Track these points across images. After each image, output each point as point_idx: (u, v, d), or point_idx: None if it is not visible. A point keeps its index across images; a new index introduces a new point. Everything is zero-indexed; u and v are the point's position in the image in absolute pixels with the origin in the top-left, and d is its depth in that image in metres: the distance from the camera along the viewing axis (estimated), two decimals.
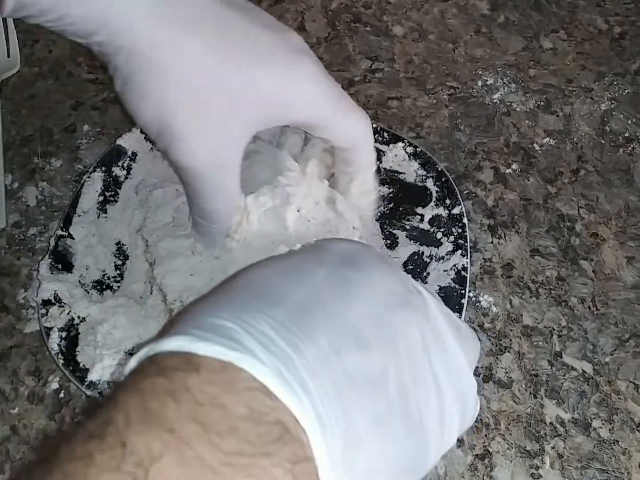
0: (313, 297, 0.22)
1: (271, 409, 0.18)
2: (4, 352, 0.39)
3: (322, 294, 0.22)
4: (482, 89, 0.50)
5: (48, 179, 0.47)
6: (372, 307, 0.23)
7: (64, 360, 0.36)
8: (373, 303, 0.23)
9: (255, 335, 0.20)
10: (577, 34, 0.52)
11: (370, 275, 0.24)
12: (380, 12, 0.55)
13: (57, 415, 0.37)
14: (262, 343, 0.19)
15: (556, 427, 0.35)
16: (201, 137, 0.30)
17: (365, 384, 0.21)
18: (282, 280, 0.23)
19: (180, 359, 0.19)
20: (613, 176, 0.44)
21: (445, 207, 0.41)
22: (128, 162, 0.44)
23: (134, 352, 0.21)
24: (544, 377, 0.37)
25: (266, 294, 0.22)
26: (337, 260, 0.24)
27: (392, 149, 0.43)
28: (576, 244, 0.42)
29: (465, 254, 0.38)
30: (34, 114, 0.50)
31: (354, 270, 0.24)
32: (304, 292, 0.22)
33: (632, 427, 0.35)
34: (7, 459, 0.35)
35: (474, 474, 0.34)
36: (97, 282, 0.40)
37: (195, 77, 0.29)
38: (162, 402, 0.17)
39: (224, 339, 0.19)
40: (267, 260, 0.26)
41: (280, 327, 0.20)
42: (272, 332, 0.20)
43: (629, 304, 0.39)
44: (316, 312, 0.22)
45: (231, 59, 0.29)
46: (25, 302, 0.41)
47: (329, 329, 0.21)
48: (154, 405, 0.17)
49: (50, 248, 0.40)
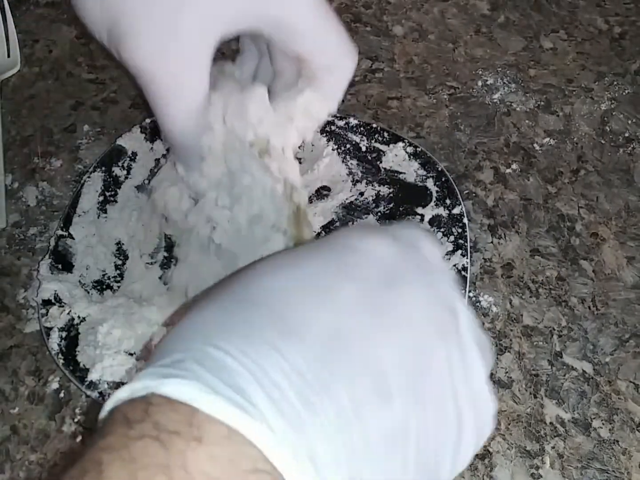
0: (338, 330, 0.19)
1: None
2: (4, 352, 0.39)
3: (349, 325, 0.20)
4: (482, 89, 0.50)
5: (48, 179, 0.47)
6: (404, 346, 0.20)
7: (64, 360, 0.36)
8: (407, 339, 0.20)
9: (266, 387, 0.17)
10: (577, 34, 0.52)
11: (408, 300, 0.21)
12: (380, 12, 0.55)
13: (57, 415, 0.37)
14: (274, 401, 0.17)
15: (556, 427, 0.35)
16: (152, 32, 0.26)
17: (384, 443, 0.19)
18: (302, 300, 0.20)
19: (179, 414, 0.16)
20: (613, 176, 0.44)
21: (445, 207, 0.41)
22: (128, 162, 0.44)
23: (138, 357, 0.19)
24: (544, 377, 0.37)
25: (282, 319, 0.19)
26: (371, 274, 0.21)
27: (392, 149, 0.43)
28: (576, 244, 0.42)
29: (466, 254, 0.38)
30: (34, 114, 0.50)
31: (391, 289, 0.21)
32: (328, 321, 0.19)
33: (632, 427, 0.35)
34: (7, 459, 0.35)
35: (474, 474, 0.34)
36: (97, 282, 0.40)
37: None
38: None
39: (232, 392, 0.17)
40: (284, 261, 0.22)
41: (296, 376, 0.18)
42: (286, 384, 0.17)
43: (629, 304, 0.39)
44: (339, 352, 0.19)
45: None
46: (25, 302, 0.41)
47: (352, 378, 0.19)
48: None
49: (50, 248, 0.40)
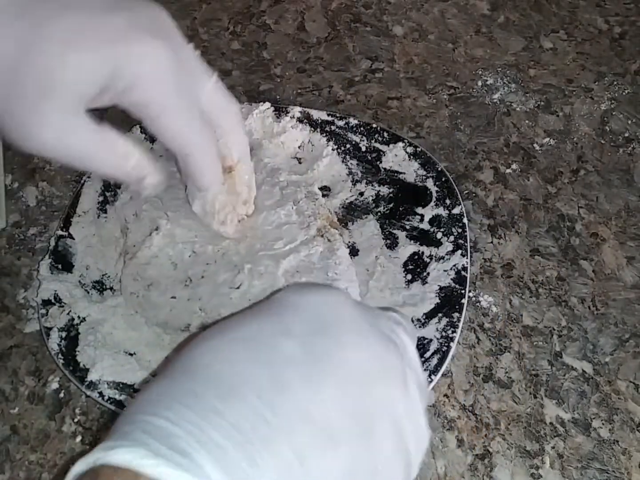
0: (276, 382, 0.20)
1: None
2: (4, 352, 0.39)
3: (288, 376, 0.20)
4: (482, 89, 0.50)
5: (48, 179, 0.47)
6: (346, 391, 0.21)
7: (64, 360, 0.36)
8: (348, 384, 0.21)
9: (210, 448, 0.18)
10: (577, 34, 0.52)
11: (344, 345, 0.22)
12: (380, 12, 0.55)
13: (57, 415, 0.37)
14: (218, 460, 0.18)
15: (556, 427, 0.35)
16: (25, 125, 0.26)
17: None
18: (241, 359, 0.21)
19: (129, 478, 0.18)
20: (613, 176, 0.44)
21: (445, 207, 0.41)
22: None
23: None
24: (544, 377, 0.37)
25: (222, 381, 0.20)
26: (307, 328, 0.22)
27: (392, 149, 0.43)
28: (576, 244, 0.42)
29: (465, 254, 0.38)
30: None
31: (326, 338, 0.22)
32: (266, 376, 0.20)
33: (632, 427, 0.35)
34: (7, 459, 0.35)
35: (474, 474, 0.34)
36: (97, 282, 0.40)
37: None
38: None
39: (177, 455, 0.18)
40: (226, 326, 0.23)
41: (237, 434, 0.19)
42: (229, 443, 0.18)
43: (629, 304, 0.39)
44: (280, 405, 0.20)
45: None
46: (25, 302, 0.41)
47: (293, 429, 0.19)
48: None
49: (50, 248, 0.40)
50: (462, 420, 0.35)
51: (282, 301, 0.25)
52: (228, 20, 0.56)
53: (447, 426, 0.35)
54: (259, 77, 0.52)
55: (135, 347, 0.36)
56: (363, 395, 0.21)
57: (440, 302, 0.37)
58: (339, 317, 0.23)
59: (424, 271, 0.39)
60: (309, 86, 0.51)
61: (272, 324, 0.23)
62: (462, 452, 0.34)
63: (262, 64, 0.53)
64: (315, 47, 0.53)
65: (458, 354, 0.37)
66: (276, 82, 0.51)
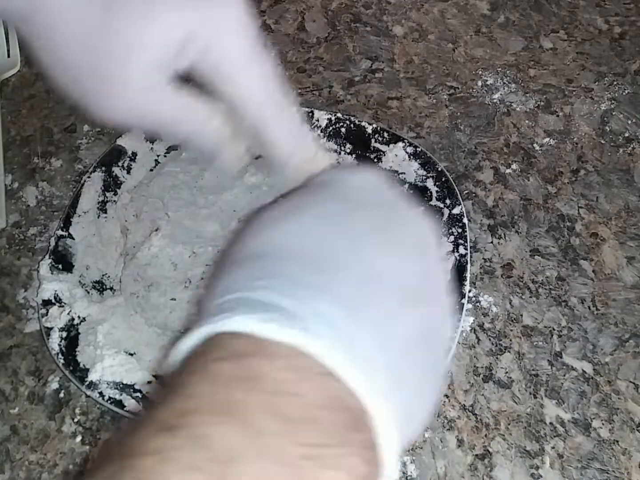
0: (361, 254, 0.21)
1: (343, 395, 0.18)
2: (4, 352, 0.39)
3: (368, 247, 0.22)
4: (482, 89, 0.50)
5: (48, 179, 0.47)
6: (414, 260, 0.23)
7: (64, 360, 0.36)
8: (417, 252, 0.23)
9: (316, 314, 0.19)
10: (577, 34, 0.52)
11: (406, 219, 0.24)
12: (380, 12, 0.55)
13: (57, 415, 0.37)
14: (326, 323, 0.18)
15: (556, 427, 0.35)
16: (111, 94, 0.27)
17: (413, 342, 0.21)
18: (325, 234, 0.22)
19: (248, 342, 0.18)
20: (613, 176, 0.44)
21: (445, 207, 0.41)
22: (128, 162, 0.44)
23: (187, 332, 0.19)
24: (544, 377, 0.37)
25: (312, 256, 0.21)
26: (373, 206, 0.24)
27: (392, 149, 0.43)
28: (576, 244, 0.42)
29: (465, 254, 0.38)
30: (34, 114, 0.50)
31: (392, 212, 0.24)
32: (349, 247, 0.21)
33: (632, 427, 0.35)
34: (7, 459, 0.35)
35: (474, 474, 0.34)
36: (97, 282, 0.40)
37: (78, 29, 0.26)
38: (238, 392, 0.17)
39: (288, 320, 0.18)
40: (296, 205, 0.24)
41: (337, 304, 0.19)
42: (331, 309, 0.19)
43: (629, 304, 0.39)
44: (368, 275, 0.21)
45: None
46: (25, 302, 0.41)
47: (382, 293, 0.21)
48: (229, 395, 0.17)
49: (50, 248, 0.40)
50: (462, 420, 0.35)
51: (335, 181, 0.26)
52: None
53: (447, 426, 0.35)
54: None
55: (135, 347, 0.36)
56: (425, 266, 0.23)
57: None
58: (390, 196, 0.25)
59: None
60: (309, 86, 0.51)
61: (340, 199, 0.24)
62: (462, 452, 0.34)
63: None
64: (315, 47, 0.53)
65: (458, 354, 0.37)
66: None
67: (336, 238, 0.22)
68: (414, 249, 0.23)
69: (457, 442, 0.35)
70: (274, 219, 0.24)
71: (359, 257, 0.21)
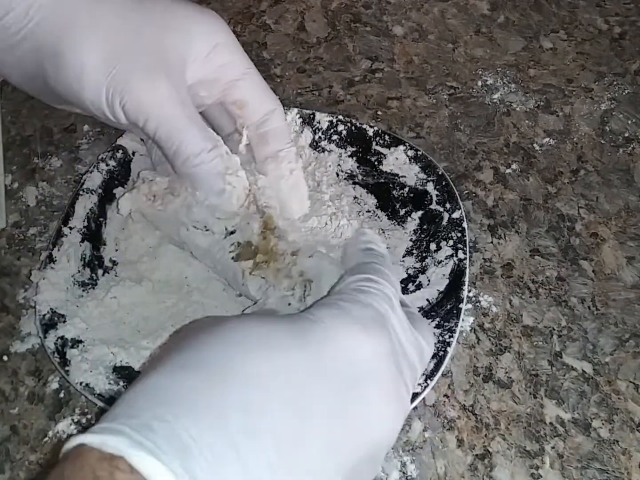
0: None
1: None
2: (3, 352, 0.39)
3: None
4: (482, 89, 0.50)
5: (48, 179, 0.47)
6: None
7: (60, 359, 0.36)
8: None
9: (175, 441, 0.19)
10: (577, 34, 0.52)
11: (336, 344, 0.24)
12: (380, 12, 0.55)
13: (57, 415, 0.37)
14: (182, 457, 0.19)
15: (556, 427, 0.35)
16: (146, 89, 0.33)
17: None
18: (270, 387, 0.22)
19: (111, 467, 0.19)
20: (613, 176, 0.44)
21: (445, 211, 0.41)
22: (128, 162, 0.44)
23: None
24: (544, 377, 0.37)
25: (251, 414, 0.21)
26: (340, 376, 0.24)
27: (393, 152, 0.43)
28: (576, 244, 0.42)
29: (465, 258, 0.38)
30: (34, 114, 0.50)
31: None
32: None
33: (632, 427, 0.35)
34: (7, 459, 0.35)
35: (474, 474, 0.34)
36: (96, 281, 0.40)
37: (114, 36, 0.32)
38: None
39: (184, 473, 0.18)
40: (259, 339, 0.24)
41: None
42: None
43: (629, 304, 0.39)
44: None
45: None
46: (25, 302, 0.41)
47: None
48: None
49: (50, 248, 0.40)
50: (462, 420, 0.35)
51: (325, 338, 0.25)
52: (228, 20, 0.56)
53: (447, 426, 0.35)
54: None
55: (132, 346, 0.36)
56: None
57: (437, 307, 0.37)
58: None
59: (423, 273, 0.39)
60: (309, 86, 0.51)
61: (310, 365, 0.23)
62: (462, 452, 0.34)
63: (262, 64, 0.53)
64: (315, 47, 0.53)
65: (458, 354, 0.37)
66: (276, 82, 0.51)
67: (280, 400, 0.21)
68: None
69: (457, 442, 0.35)
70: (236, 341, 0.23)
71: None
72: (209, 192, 0.35)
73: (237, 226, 0.35)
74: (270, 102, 0.38)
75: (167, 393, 0.21)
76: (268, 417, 0.20)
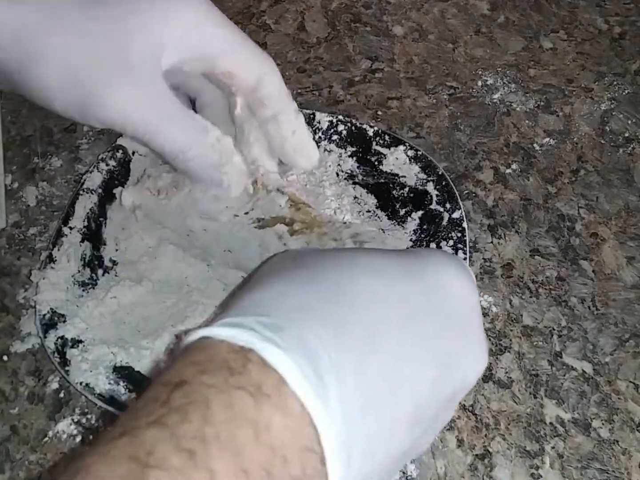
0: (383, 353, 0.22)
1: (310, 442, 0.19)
2: (3, 352, 0.39)
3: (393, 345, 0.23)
4: (482, 89, 0.50)
5: (48, 179, 0.47)
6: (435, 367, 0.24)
7: (60, 359, 0.36)
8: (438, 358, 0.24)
9: (343, 392, 0.20)
10: (577, 34, 0.52)
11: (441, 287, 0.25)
12: (380, 12, 0.55)
13: (57, 415, 0.37)
14: (343, 403, 0.19)
15: (556, 427, 0.35)
16: (121, 93, 0.31)
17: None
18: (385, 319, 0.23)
19: (273, 381, 0.19)
20: (613, 176, 0.44)
21: (445, 211, 0.41)
22: (128, 162, 0.44)
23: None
24: (544, 377, 0.37)
25: (372, 336, 0.22)
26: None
27: (393, 152, 0.43)
28: (576, 244, 0.42)
29: (465, 258, 0.38)
30: (34, 114, 0.50)
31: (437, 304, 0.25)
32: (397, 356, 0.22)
33: (632, 427, 0.35)
34: (7, 459, 0.35)
35: (474, 474, 0.34)
36: (96, 281, 0.40)
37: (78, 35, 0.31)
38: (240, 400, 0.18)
39: (316, 380, 0.19)
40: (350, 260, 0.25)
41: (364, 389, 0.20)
42: (358, 396, 0.20)
43: (629, 304, 0.39)
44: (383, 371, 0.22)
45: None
46: (25, 302, 0.41)
47: (393, 400, 0.22)
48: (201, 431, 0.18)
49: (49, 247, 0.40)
50: (462, 420, 0.35)
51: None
52: None
53: (447, 426, 0.35)
54: None
55: (132, 346, 0.36)
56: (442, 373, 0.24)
57: None
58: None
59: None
60: (309, 86, 0.51)
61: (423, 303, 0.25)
62: (462, 452, 0.34)
63: None
64: (315, 47, 0.53)
65: None
66: None
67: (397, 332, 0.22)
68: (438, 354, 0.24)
69: (457, 442, 0.35)
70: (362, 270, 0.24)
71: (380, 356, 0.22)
72: (209, 185, 0.35)
73: (255, 205, 0.35)
74: (260, 66, 0.37)
75: (295, 300, 0.22)
76: (386, 336, 0.22)
